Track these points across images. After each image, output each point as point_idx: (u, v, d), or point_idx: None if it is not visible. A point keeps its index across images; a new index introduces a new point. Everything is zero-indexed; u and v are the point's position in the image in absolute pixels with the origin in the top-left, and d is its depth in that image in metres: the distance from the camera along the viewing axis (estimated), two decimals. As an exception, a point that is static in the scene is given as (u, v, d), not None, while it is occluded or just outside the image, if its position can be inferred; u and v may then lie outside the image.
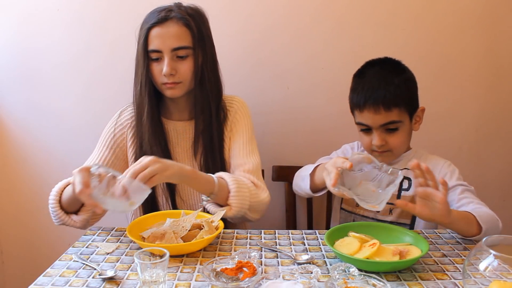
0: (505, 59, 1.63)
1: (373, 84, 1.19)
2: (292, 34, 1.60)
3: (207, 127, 1.26)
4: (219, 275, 0.82)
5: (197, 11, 1.23)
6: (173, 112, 1.31)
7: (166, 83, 1.20)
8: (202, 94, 1.24)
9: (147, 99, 1.22)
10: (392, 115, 1.18)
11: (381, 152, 1.22)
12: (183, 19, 1.17)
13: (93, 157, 1.27)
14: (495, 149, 1.70)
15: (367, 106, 1.18)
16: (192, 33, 1.19)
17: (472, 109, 1.66)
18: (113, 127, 1.31)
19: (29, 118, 1.68)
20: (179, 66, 1.19)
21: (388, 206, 1.25)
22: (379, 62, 1.25)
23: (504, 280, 0.73)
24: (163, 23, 1.17)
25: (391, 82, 1.18)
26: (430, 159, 1.27)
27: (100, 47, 1.62)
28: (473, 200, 1.13)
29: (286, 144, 1.68)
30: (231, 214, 1.14)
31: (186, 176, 1.08)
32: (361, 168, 0.99)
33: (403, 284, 0.84)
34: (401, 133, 1.21)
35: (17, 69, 1.65)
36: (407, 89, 1.21)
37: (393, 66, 1.24)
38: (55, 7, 1.60)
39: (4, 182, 1.74)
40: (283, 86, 1.64)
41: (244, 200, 1.14)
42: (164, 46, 1.17)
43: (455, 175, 1.22)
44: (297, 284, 0.80)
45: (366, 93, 1.18)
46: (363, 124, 1.22)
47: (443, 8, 1.58)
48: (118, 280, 0.86)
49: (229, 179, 1.15)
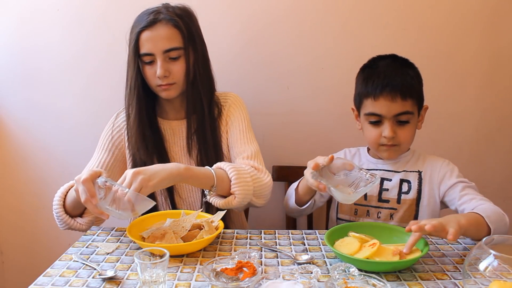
0: (506, 59, 1.63)
1: (390, 73, 1.19)
2: (292, 34, 1.60)
3: (201, 125, 1.26)
4: (219, 275, 0.82)
5: (185, 11, 1.23)
6: (169, 111, 1.32)
7: (161, 85, 1.21)
8: (193, 92, 1.24)
9: (136, 101, 1.23)
10: (407, 105, 1.17)
11: (389, 146, 1.21)
12: (172, 20, 1.18)
13: (93, 161, 1.28)
14: (495, 149, 1.70)
15: (384, 94, 1.17)
16: (182, 34, 1.19)
17: (472, 109, 1.66)
18: (110, 130, 1.32)
19: (29, 118, 1.68)
20: (172, 67, 1.20)
21: (389, 211, 1.24)
22: (389, 57, 1.26)
23: (504, 280, 0.73)
24: (153, 26, 1.17)
25: (406, 73, 1.19)
26: (428, 160, 1.27)
27: (100, 46, 1.62)
28: (475, 197, 1.13)
29: (286, 144, 1.68)
30: (237, 202, 1.12)
31: (179, 176, 1.07)
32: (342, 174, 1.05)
33: (403, 284, 0.84)
34: (411, 126, 1.21)
35: (17, 68, 1.65)
36: (418, 82, 1.22)
37: (403, 60, 1.25)
38: (55, 7, 1.60)
39: (4, 182, 1.74)
40: (283, 86, 1.64)
41: (247, 186, 1.12)
42: (155, 49, 1.17)
43: (454, 173, 1.21)
44: (297, 284, 0.80)
45: (384, 80, 1.17)
46: (375, 114, 1.19)
47: (443, 8, 1.58)
48: (118, 280, 0.86)
49: (228, 168, 1.13)
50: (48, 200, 1.68)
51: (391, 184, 1.25)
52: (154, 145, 1.26)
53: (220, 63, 1.31)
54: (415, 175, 1.24)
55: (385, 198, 1.25)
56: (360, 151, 1.37)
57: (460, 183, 1.18)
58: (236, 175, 1.12)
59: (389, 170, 1.27)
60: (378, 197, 1.26)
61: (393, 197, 1.24)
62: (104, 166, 1.26)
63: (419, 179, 1.23)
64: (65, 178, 1.23)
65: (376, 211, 1.26)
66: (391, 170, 1.27)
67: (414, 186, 1.23)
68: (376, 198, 1.26)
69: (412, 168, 1.26)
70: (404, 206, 1.23)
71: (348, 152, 1.38)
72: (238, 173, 1.12)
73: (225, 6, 1.59)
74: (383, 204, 1.25)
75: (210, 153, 1.26)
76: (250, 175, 1.15)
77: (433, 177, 1.23)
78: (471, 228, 0.97)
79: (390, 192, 1.25)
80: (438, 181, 1.22)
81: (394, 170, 1.26)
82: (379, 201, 1.25)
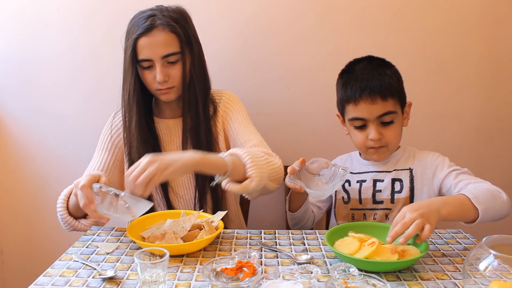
0: (505, 59, 1.63)
1: (367, 76, 1.19)
2: (292, 35, 1.60)
3: (196, 124, 1.26)
4: (219, 275, 0.82)
5: (180, 13, 1.23)
6: (165, 110, 1.33)
7: (161, 89, 1.22)
8: (190, 92, 1.25)
9: (135, 107, 1.23)
10: (388, 105, 1.18)
11: (378, 148, 1.22)
12: (169, 25, 1.17)
13: (94, 162, 1.28)
14: (495, 149, 1.70)
15: (364, 97, 1.17)
16: (179, 38, 1.19)
17: (472, 109, 1.66)
18: (109, 129, 1.32)
19: (29, 119, 1.68)
20: (171, 71, 1.21)
21: (384, 212, 1.24)
22: (364, 59, 1.26)
23: (504, 280, 0.73)
24: (150, 32, 1.16)
25: (383, 73, 1.19)
26: (419, 155, 1.27)
27: (100, 46, 1.62)
28: (470, 181, 1.13)
29: (286, 144, 1.67)
30: (254, 185, 1.09)
31: (194, 166, 1.04)
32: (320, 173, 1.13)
33: (403, 284, 0.84)
34: (396, 126, 1.21)
35: (17, 69, 1.65)
36: (397, 80, 1.22)
37: (380, 61, 1.25)
38: (55, 7, 1.59)
39: (4, 183, 1.74)
40: (283, 86, 1.64)
41: (262, 169, 1.11)
42: (154, 54, 1.18)
43: (446, 164, 1.22)
44: (297, 284, 0.80)
45: (361, 84, 1.18)
46: (358, 118, 1.21)
47: (443, 8, 1.58)
48: (118, 280, 0.86)
49: (242, 153, 1.11)
50: (48, 201, 1.69)
51: (383, 184, 1.25)
52: (151, 144, 1.26)
53: (219, 62, 1.31)
54: (407, 173, 1.24)
55: (379, 199, 1.25)
56: (351, 156, 1.37)
57: (452, 171, 1.18)
58: (250, 159, 1.10)
59: (380, 171, 1.27)
60: (372, 199, 1.26)
61: (387, 197, 1.25)
62: (105, 167, 1.27)
63: (411, 177, 1.24)
64: (65, 179, 1.24)
65: (372, 213, 1.26)
66: (382, 170, 1.27)
67: (406, 184, 1.23)
68: (370, 201, 1.26)
69: (403, 166, 1.26)
70: (398, 205, 1.23)
71: (340, 160, 1.39)
72: (252, 157, 1.11)
73: (225, 6, 1.58)
74: (377, 205, 1.25)
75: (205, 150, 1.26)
76: (264, 158, 1.14)
77: (424, 173, 1.23)
78: (455, 212, 0.98)
79: (383, 193, 1.25)
80: (430, 176, 1.22)
81: (385, 170, 1.26)
82: (373, 203, 1.26)
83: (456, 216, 1.00)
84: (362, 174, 1.29)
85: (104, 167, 1.27)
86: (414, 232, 0.89)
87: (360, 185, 1.27)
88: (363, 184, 1.27)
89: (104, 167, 1.27)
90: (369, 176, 1.28)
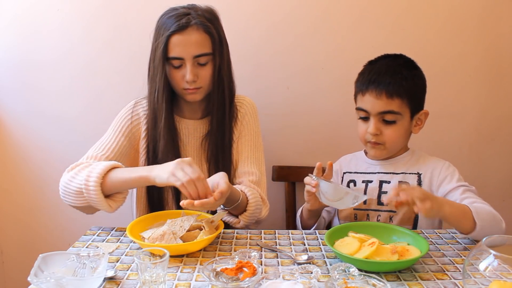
0: (505, 59, 1.63)
1: (380, 70, 1.19)
2: (292, 35, 1.60)
3: (220, 127, 1.27)
4: (219, 275, 0.82)
5: (213, 14, 1.23)
6: (185, 111, 1.33)
7: (188, 89, 1.21)
8: (218, 96, 1.26)
9: (164, 106, 1.23)
10: (393, 104, 1.17)
11: (374, 144, 1.22)
12: (203, 26, 1.17)
13: (109, 141, 1.25)
14: (495, 149, 1.70)
15: (370, 90, 1.18)
16: (212, 39, 1.19)
17: (472, 109, 1.66)
18: (130, 115, 1.30)
19: (30, 121, 1.68)
20: (200, 72, 1.21)
21: (388, 214, 1.24)
22: (393, 56, 1.26)
23: (504, 280, 0.73)
24: (184, 30, 1.16)
25: (398, 72, 1.19)
26: (428, 161, 1.26)
27: (101, 47, 1.62)
28: (476, 200, 1.12)
29: (286, 144, 1.67)
30: (239, 226, 1.20)
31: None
32: None
33: (403, 284, 0.84)
34: (398, 127, 1.20)
35: (17, 70, 1.65)
36: (414, 84, 1.20)
37: (405, 61, 1.24)
38: (55, 7, 1.59)
39: (4, 182, 1.74)
40: (283, 86, 1.64)
41: (253, 219, 1.20)
42: (186, 53, 1.17)
43: (455, 177, 1.20)
44: (297, 284, 0.80)
45: (372, 77, 1.19)
46: (362, 109, 1.21)
47: (443, 8, 1.58)
48: (118, 280, 0.86)
49: (252, 198, 1.18)
50: (48, 201, 1.70)
51: (390, 186, 1.24)
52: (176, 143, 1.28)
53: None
54: (414, 177, 1.24)
55: (384, 201, 1.25)
56: (356, 156, 1.37)
57: (461, 187, 1.17)
58: (253, 209, 1.18)
59: (387, 172, 1.26)
60: (377, 200, 1.25)
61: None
62: (119, 150, 1.24)
63: (419, 181, 1.23)
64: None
65: (375, 215, 1.25)
66: (389, 172, 1.26)
67: None
68: (375, 202, 1.25)
69: (411, 169, 1.25)
70: (403, 208, 1.22)
71: (344, 160, 1.38)
72: (255, 207, 1.19)
73: (225, 7, 1.58)
74: (382, 207, 1.24)
75: (225, 155, 1.28)
76: (259, 210, 1.21)
77: (432, 180, 1.22)
78: (456, 216, 1.00)
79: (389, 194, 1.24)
80: (437, 184, 1.21)
81: (392, 172, 1.26)
82: (378, 204, 1.25)
83: (455, 220, 1.01)
84: (369, 175, 1.28)
85: (119, 149, 1.24)
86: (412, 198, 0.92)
87: (366, 186, 1.27)
88: (369, 185, 1.26)
89: (119, 149, 1.24)
90: (375, 177, 1.27)
